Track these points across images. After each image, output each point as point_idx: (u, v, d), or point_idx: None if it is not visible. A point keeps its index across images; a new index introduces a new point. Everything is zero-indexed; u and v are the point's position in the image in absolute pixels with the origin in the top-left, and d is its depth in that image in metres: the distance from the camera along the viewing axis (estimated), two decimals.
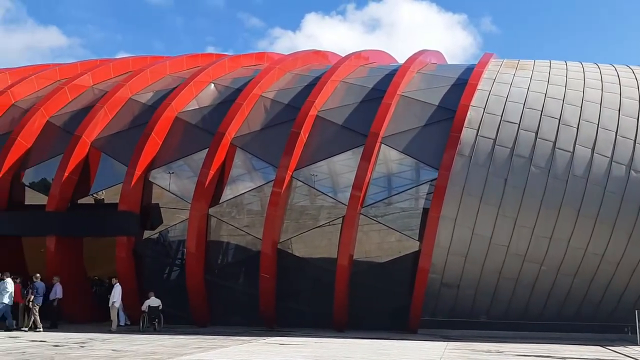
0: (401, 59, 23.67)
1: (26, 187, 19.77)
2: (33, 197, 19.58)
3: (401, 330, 16.70)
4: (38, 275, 16.80)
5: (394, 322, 17.51)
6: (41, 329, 15.86)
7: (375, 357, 11.86)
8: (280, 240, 17.57)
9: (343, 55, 23.24)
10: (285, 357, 11.33)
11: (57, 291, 16.95)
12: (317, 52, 25.10)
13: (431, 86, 19.61)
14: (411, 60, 20.86)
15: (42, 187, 19.80)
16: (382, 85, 19.34)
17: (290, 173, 17.13)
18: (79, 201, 18.84)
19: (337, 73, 19.97)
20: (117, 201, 18.11)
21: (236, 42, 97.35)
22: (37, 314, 16.09)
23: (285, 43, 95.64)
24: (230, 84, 21.04)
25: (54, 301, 16.89)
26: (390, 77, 19.57)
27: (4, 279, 16.26)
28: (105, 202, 18.93)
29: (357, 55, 22.71)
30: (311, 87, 19.21)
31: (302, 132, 17.43)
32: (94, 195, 18.84)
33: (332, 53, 25.96)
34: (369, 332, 16.03)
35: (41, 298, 16.37)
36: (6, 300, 16.06)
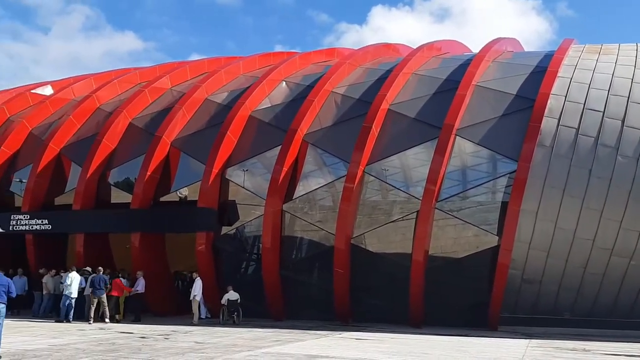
0: (475, 49, 23.04)
1: (111, 187, 20.85)
2: (118, 196, 20.62)
3: (480, 328, 16.25)
4: (100, 268, 17.54)
5: (473, 318, 17.08)
6: (107, 321, 16.67)
7: (455, 353, 11.62)
8: (354, 236, 17.54)
9: (414, 48, 22.89)
10: (362, 352, 11.32)
11: (140, 285, 17.75)
12: (387, 45, 24.85)
13: (508, 75, 18.94)
14: (486, 48, 20.23)
15: (126, 186, 20.79)
16: (455, 75, 18.90)
17: (362, 168, 17.06)
18: (161, 199, 19.62)
19: (409, 65, 19.69)
20: (197, 198, 18.77)
21: (304, 40, 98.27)
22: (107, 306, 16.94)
23: (352, 37, 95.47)
24: (301, 81, 21.24)
25: (138, 295, 17.69)
26: (464, 67, 19.08)
27: (68, 272, 17.25)
28: (187, 199, 19.56)
29: (429, 46, 22.29)
30: (382, 81, 19.06)
31: (373, 127, 17.31)
32: (179, 193, 19.48)
33: (403, 45, 25.64)
34: (446, 328, 15.72)
35: (103, 290, 16.97)
36: (74, 293, 16.95)
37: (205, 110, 20.61)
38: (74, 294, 16.83)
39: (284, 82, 21.18)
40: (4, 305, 10.08)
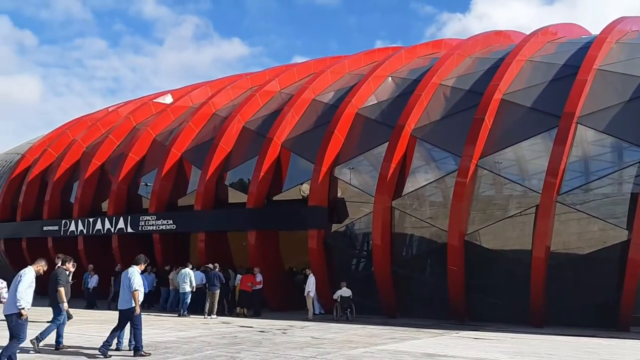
0: (592, 31, 21.48)
1: (228, 187, 21.88)
2: (235, 196, 21.59)
3: (609, 328, 15.10)
4: (216, 265, 18.33)
5: (600, 319, 15.89)
6: (214, 316, 17.37)
7: (583, 355, 10.91)
8: (468, 232, 17.00)
9: (526, 33, 21.77)
10: (482, 351, 10.95)
11: (257, 281, 18.42)
12: (498, 33, 23.84)
13: (634, 57, 17.44)
14: (608, 29, 18.76)
15: (241, 186, 21.72)
16: (574, 60, 17.72)
17: (475, 162, 16.48)
18: (274, 198, 20.27)
19: (522, 52, 18.76)
20: (306, 194, 19.21)
21: (408, 33, 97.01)
22: (216, 301, 17.69)
23: (454, 27, 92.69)
24: (408, 75, 20.97)
25: (257, 290, 18.38)
26: (583, 50, 17.85)
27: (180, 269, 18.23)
28: (301, 197, 20.04)
29: (543, 30, 21.08)
30: (494, 70, 18.32)
31: (486, 118, 16.67)
32: (302, 192, 20.03)
33: (514, 32, 24.47)
34: (571, 328, 14.77)
35: (217, 287, 17.76)
36: (187, 288, 17.89)
37: (313, 110, 21.00)
38: (187, 289, 17.86)
39: (390, 78, 21.03)
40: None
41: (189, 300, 17.93)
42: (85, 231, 23.76)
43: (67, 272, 11.28)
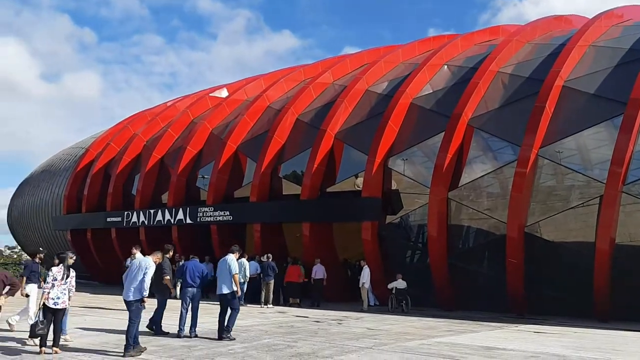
0: None
1: (282, 179, 22.09)
2: (289, 188, 21.79)
3: None
4: (269, 255, 18.49)
5: None
6: (271, 305, 17.61)
7: None
8: (527, 224, 16.53)
9: (589, 17, 20.85)
10: (542, 345, 10.65)
11: (318, 272, 18.55)
12: (558, 18, 22.93)
13: None
14: None
15: (295, 178, 21.90)
16: None
17: (536, 151, 15.98)
18: (327, 189, 20.32)
19: (585, 37, 17.99)
20: (361, 187, 19.13)
21: (462, 20, 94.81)
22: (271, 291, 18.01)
23: (510, 13, 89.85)
24: (464, 63, 20.53)
25: (319, 280, 18.51)
26: None
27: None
28: (354, 189, 20.01)
29: (607, 14, 20.13)
30: (555, 56, 17.67)
31: (547, 106, 16.12)
32: (356, 186, 20.00)
33: (576, 16, 23.49)
34: (638, 324, 14.13)
35: (271, 277, 18.04)
36: (242, 278, 18.15)
37: (367, 101, 20.89)
38: (242, 280, 18.19)
39: (446, 66, 20.64)
40: (198, 290, 11.19)
41: (245, 290, 18.24)
42: (146, 222, 24.57)
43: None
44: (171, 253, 11.78)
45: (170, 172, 24.86)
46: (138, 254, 12.11)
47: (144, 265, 9.40)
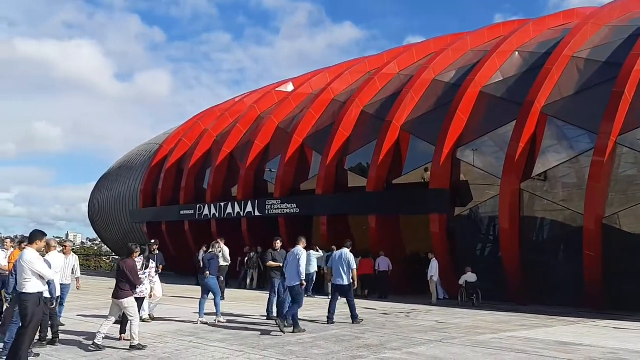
0: None
1: (348, 172, 22.11)
2: (354, 180, 21.78)
3: None
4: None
5: None
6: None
7: None
8: (606, 215, 15.74)
9: None
10: (622, 342, 10.12)
11: (382, 264, 18.48)
12: None
13: None
14: None
15: (360, 170, 21.85)
16: None
17: (614, 139, 15.16)
18: (394, 181, 20.15)
19: None
20: (428, 180, 18.84)
21: (532, 5, 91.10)
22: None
23: None
24: (536, 49, 19.74)
25: (383, 273, 18.44)
26: None
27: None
28: (421, 181, 19.75)
29: None
30: (634, 39, 16.66)
31: (626, 92, 15.23)
32: (423, 178, 19.75)
33: None
34: None
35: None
36: (311, 269, 18.17)
37: (433, 91, 20.51)
38: (312, 271, 18.31)
39: (517, 53, 19.92)
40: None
41: (313, 281, 18.45)
42: (217, 215, 25.29)
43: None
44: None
45: (239, 166, 25.46)
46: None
47: (296, 252, 10.65)
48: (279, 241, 13.06)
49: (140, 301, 9.63)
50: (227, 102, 33.75)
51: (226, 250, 17.50)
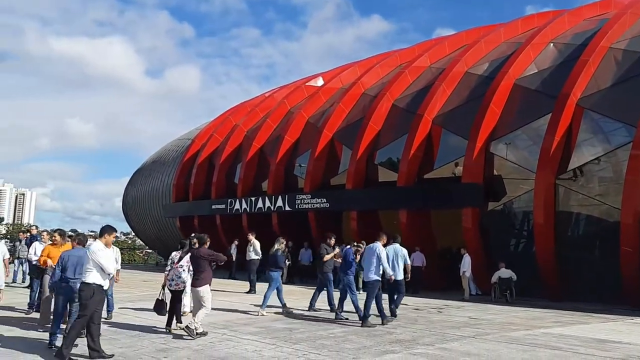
0: None
1: (378, 166, 21.97)
2: (385, 175, 21.64)
3: None
4: (363, 242, 18.36)
5: None
6: None
7: None
8: None
9: None
10: None
11: (416, 259, 18.33)
12: None
13: None
14: None
15: (391, 165, 21.70)
16: None
17: None
18: (425, 176, 19.95)
19: None
20: (460, 174, 18.60)
21: None
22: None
23: None
24: (572, 40, 19.28)
25: (417, 268, 18.29)
26: None
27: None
28: (453, 175, 19.52)
29: None
30: None
31: None
32: (455, 172, 19.52)
33: None
34: None
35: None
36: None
37: (466, 83, 20.22)
38: None
39: (552, 44, 19.49)
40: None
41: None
42: (248, 209, 25.48)
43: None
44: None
45: (269, 161, 25.58)
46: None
47: (375, 248, 10.89)
48: (333, 238, 13.39)
49: (177, 294, 9.82)
50: (257, 98, 33.93)
51: (257, 244, 17.65)
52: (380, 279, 11.04)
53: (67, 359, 7.11)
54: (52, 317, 8.95)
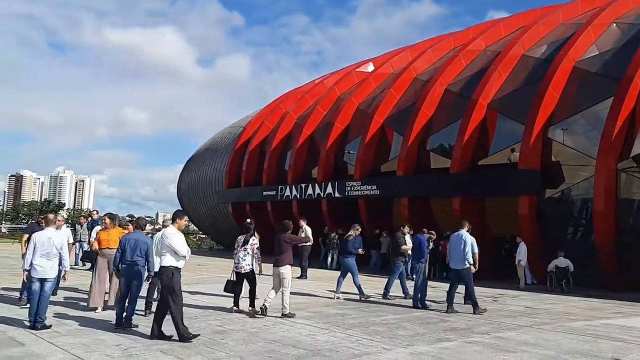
0: None
1: (430, 153, 21.63)
2: (437, 161, 21.29)
3: None
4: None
5: None
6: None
7: None
8: None
9: None
10: None
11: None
12: None
13: None
14: None
15: (444, 151, 21.31)
16: None
17: None
18: (479, 162, 19.51)
19: None
20: (516, 161, 18.10)
21: None
22: None
23: None
24: (636, 20, 18.41)
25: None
26: None
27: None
28: (508, 162, 18.99)
29: None
30: None
31: None
32: (511, 159, 19.01)
33: None
34: None
35: None
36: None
37: (523, 67, 19.59)
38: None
39: (614, 25, 18.61)
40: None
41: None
42: (298, 196, 25.64)
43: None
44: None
45: (319, 148, 25.61)
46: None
47: (461, 236, 10.95)
48: (407, 227, 13.46)
49: (244, 277, 10.07)
50: (307, 85, 33.96)
51: (309, 230, 17.77)
52: (470, 266, 11.03)
53: (189, 337, 7.47)
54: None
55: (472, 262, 10.90)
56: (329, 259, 22.09)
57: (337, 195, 23.61)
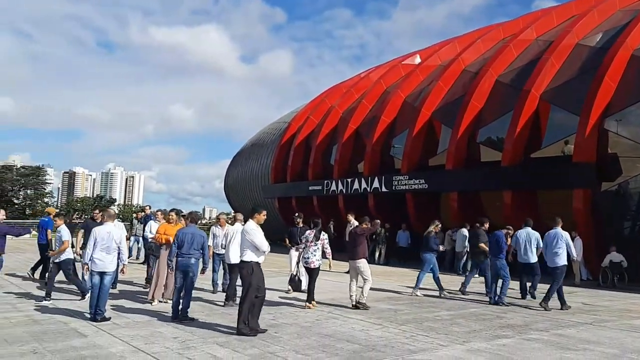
0: None
1: (480, 145, 21.17)
2: (487, 154, 20.83)
3: None
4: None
5: None
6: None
7: None
8: None
9: None
10: None
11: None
12: None
13: None
14: None
15: (494, 144, 20.81)
16: None
17: None
18: (532, 155, 18.99)
19: None
20: (570, 153, 17.52)
21: None
22: None
23: None
24: None
25: None
26: None
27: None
28: (561, 154, 18.42)
29: None
30: None
31: None
32: (565, 151, 18.43)
33: None
34: None
35: None
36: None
37: (577, 56, 18.92)
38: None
39: None
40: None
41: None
42: (344, 190, 25.58)
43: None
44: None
45: (365, 142, 25.47)
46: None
47: (556, 233, 10.87)
48: (487, 223, 12.97)
49: (312, 272, 10.20)
50: (352, 79, 33.80)
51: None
52: (567, 264, 10.88)
53: (244, 332, 7.52)
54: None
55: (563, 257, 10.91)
56: (377, 254, 21.99)
57: (384, 189, 23.43)
